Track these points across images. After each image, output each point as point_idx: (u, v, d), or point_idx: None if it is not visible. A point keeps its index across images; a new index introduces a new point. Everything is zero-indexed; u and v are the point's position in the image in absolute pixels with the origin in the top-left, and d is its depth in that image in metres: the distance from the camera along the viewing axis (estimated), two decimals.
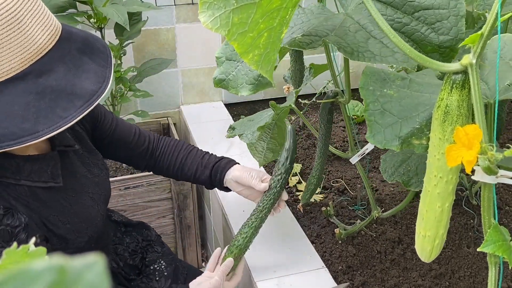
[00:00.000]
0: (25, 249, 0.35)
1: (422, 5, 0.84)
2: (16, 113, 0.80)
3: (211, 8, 0.64)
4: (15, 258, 0.35)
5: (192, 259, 2.01)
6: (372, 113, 0.79)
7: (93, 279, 0.19)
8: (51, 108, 0.81)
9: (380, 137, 0.78)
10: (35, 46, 0.82)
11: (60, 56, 0.86)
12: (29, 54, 0.82)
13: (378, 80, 0.81)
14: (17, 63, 0.81)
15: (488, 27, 0.61)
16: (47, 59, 0.84)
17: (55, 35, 0.86)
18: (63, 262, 0.19)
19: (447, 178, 0.70)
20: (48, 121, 0.81)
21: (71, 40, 0.89)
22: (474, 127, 0.63)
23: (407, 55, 0.68)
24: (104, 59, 0.92)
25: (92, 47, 0.92)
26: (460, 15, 0.81)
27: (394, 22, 0.85)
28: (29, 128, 0.80)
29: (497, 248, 0.64)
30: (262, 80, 1.03)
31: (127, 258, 1.24)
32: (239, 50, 0.68)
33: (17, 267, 0.18)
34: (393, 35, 0.67)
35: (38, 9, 0.85)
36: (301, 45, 0.88)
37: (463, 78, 0.66)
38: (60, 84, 0.83)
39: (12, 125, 0.79)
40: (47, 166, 0.97)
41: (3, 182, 0.91)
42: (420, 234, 0.76)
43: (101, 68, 0.90)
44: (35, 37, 0.82)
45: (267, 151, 1.45)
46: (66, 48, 0.87)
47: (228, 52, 1.14)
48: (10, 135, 0.79)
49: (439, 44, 0.83)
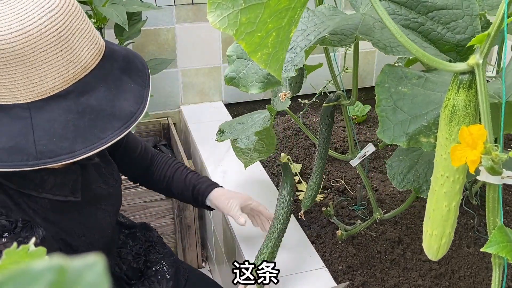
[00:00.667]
0: (25, 249, 0.35)
1: (436, 5, 0.84)
2: (55, 131, 0.79)
3: (219, 8, 0.65)
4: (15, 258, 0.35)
5: (192, 259, 2.01)
6: (384, 109, 0.79)
7: (93, 279, 0.19)
8: (90, 128, 0.81)
9: (389, 133, 0.79)
10: (80, 65, 0.82)
11: (103, 75, 0.85)
12: (73, 73, 0.81)
13: (396, 78, 0.82)
14: (61, 82, 0.80)
15: (494, 27, 0.61)
16: (90, 78, 0.83)
17: (99, 54, 0.86)
18: (63, 262, 0.19)
19: (454, 178, 0.70)
20: (85, 141, 0.80)
21: (113, 59, 0.88)
22: (478, 127, 0.63)
23: (414, 55, 0.68)
24: (143, 78, 0.91)
25: (132, 65, 0.91)
26: (474, 15, 0.82)
27: (410, 22, 0.86)
28: (67, 147, 0.79)
29: (501, 249, 0.64)
30: (271, 79, 1.03)
31: (130, 261, 1.23)
32: (247, 49, 0.68)
33: (17, 267, 0.18)
34: (400, 35, 0.67)
35: (86, 28, 0.84)
36: (332, 43, 0.89)
37: (470, 78, 0.66)
38: (100, 104, 0.82)
39: (51, 142, 0.79)
40: (69, 180, 0.96)
41: (25, 194, 0.91)
42: (427, 233, 0.76)
43: (140, 88, 0.89)
44: (81, 56, 0.82)
45: (253, 152, 1.44)
46: (108, 67, 0.87)
47: (239, 51, 1.15)
48: (48, 153, 0.78)
49: (456, 43, 0.83)
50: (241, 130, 1.37)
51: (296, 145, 1.90)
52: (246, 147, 1.31)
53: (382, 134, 0.79)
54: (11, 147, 0.78)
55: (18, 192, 0.90)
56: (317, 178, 1.30)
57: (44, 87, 0.80)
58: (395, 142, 0.78)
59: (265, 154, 1.45)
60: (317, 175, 1.29)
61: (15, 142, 0.79)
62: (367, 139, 1.92)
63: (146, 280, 1.23)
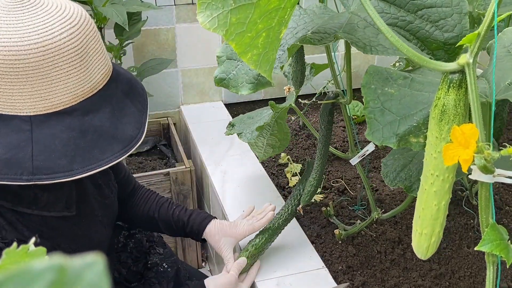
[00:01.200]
0: (25, 249, 0.35)
1: (425, 3, 0.84)
2: (55, 148, 0.78)
3: (209, 8, 0.65)
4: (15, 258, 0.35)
5: (192, 259, 2.01)
6: (372, 110, 0.80)
7: (93, 279, 0.19)
8: (89, 148, 0.80)
9: (379, 134, 0.79)
10: (91, 84, 0.82)
11: (108, 96, 0.85)
12: (83, 91, 0.81)
13: (381, 79, 0.82)
14: (69, 98, 0.80)
15: (484, 26, 0.61)
16: (97, 98, 0.83)
17: (107, 75, 0.86)
18: (63, 261, 0.19)
19: (444, 177, 0.71)
20: (84, 160, 0.79)
21: (118, 81, 0.88)
22: (470, 126, 0.63)
23: (405, 54, 0.68)
24: (142, 103, 0.91)
25: (134, 90, 0.91)
26: (463, 13, 0.82)
27: (398, 20, 0.86)
28: (64, 165, 0.78)
29: (494, 247, 0.64)
30: (261, 80, 1.03)
31: (130, 265, 1.23)
32: (237, 50, 0.68)
33: (17, 267, 0.18)
34: (390, 34, 0.67)
35: (100, 47, 0.84)
36: (313, 42, 0.89)
37: (460, 78, 0.67)
38: (103, 125, 0.82)
39: (49, 159, 0.77)
40: (63, 195, 0.95)
41: (18, 212, 0.88)
42: (416, 232, 0.76)
43: (139, 113, 0.89)
44: (92, 75, 0.82)
45: (267, 146, 1.46)
46: (114, 89, 0.86)
47: (229, 51, 1.15)
48: (44, 169, 0.77)
49: (444, 41, 0.84)
50: (247, 125, 1.38)
51: (296, 145, 1.90)
52: (249, 141, 1.32)
53: (371, 135, 0.79)
54: (7, 159, 0.76)
55: (11, 211, 0.88)
56: (317, 174, 1.30)
57: (52, 101, 0.79)
58: (384, 143, 0.78)
59: (279, 149, 1.47)
60: (317, 171, 1.30)
61: (12, 154, 0.77)
62: (367, 139, 1.92)
63: (147, 282, 1.23)
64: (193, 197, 1.92)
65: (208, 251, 2.06)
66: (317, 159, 1.30)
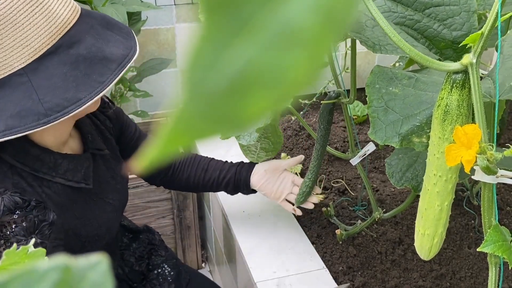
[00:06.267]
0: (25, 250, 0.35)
1: (432, 2, 0.84)
2: (56, 85, 0.82)
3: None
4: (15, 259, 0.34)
5: (192, 260, 2.00)
6: (376, 109, 0.79)
7: (97, 279, 0.19)
8: (87, 75, 0.83)
9: (381, 133, 0.79)
10: (60, 20, 0.84)
11: (85, 29, 0.87)
12: (55, 28, 0.83)
13: (386, 78, 0.82)
14: (46, 38, 0.82)
15: (488, 26, 0.61)
16: (74, 32, 0.86)
17: (76, 11, 0.88)
18: (68, 261, 0.19)
19: (447, 177, 0.70)
20: (88, 87, 0.83)
21: (91, 17, 0.91)
22: (473, 127, 0.63)
23: (408, 54, 0.67)
24: (127, 33, 0.94)
25: (113, 24, 0.94)
26: (471, 11, 0.82)
27: (406, 19, 0.85)
28: (72, 97, 0.82)
29: (497, 248, 0.64)
30: None
31: (133, 263, 1.24)
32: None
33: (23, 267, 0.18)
34: (393, 34, 0.67)
35: None
36: None
37: (463, 78, 0.66)
38: (90, 51, 0.85)
39: (55, 97, 0.81)
40: (81, 166, 0.99)
41: (38, 177, 0.93)
42: (419, 232, 0.76)
43: (126, 40, 0.91)
44: (56, 11, 0.84)
45: (260, 151, 1.44)
46: (89, 23, 0.89)
47: None
48: (55, 108, 0.81)
49: (453, 40, 0.83)
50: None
51: (296, 145, 1.89)
52: (248, 144, 1.31)
53: (374, 135, 0.80)
54: (19, 112, 0.81)
55: (32, 176, 0.92)
56: (312, 174, 1.29)
57: (33, 46, 0.82)
58: (387, 142, 0.78)
59: (272, 153, 1.45)
60: (312, 172, 1.29)
61: (22, 106, 0.81)
62: (368, 139, 1.91)
63: (148, 283, 1.23)
64: (193, 197, 1.92)
65: (208, 251, 2.06)
66: (313, 160, 1.29)
